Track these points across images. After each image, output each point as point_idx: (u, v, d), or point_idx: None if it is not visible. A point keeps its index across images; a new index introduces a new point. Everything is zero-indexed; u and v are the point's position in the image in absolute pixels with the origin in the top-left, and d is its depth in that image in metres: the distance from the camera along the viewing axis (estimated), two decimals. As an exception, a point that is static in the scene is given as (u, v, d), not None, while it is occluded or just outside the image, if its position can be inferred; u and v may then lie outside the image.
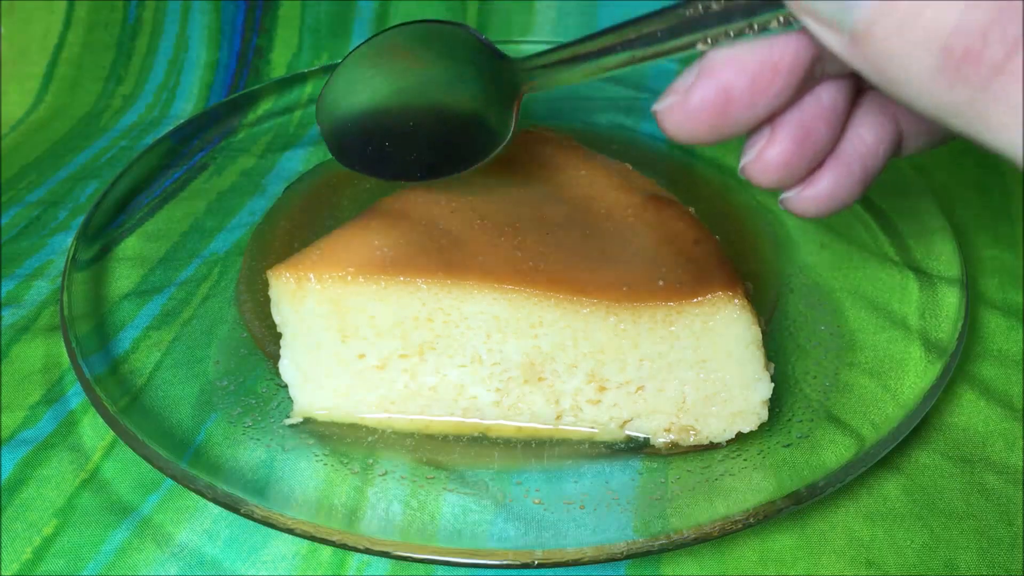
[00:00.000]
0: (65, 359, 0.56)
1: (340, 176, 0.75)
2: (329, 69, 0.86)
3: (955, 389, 0.55)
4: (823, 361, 0.53)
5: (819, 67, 0.30)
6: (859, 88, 0.32)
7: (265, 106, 0.81)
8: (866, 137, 0.32)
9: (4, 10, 0.93)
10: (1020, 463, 0.50)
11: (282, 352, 0.49)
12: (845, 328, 0.55)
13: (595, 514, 0.44)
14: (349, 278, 0.46)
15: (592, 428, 0.49)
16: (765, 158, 0.31)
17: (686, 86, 0.30)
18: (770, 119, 0.31)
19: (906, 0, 0.23)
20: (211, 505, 0.45)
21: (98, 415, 0.46)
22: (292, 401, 0.50)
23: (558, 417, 0.49)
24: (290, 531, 0.40)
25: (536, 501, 0.45)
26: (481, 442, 0.49)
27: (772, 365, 0.47)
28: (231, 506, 0.41)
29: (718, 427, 0.48)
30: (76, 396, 0.54)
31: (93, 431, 0.51)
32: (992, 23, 0.22)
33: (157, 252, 0.63)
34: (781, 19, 0.27)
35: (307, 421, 0.50)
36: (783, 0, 0.27)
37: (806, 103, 0.31)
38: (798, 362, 0.53)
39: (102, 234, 0.61)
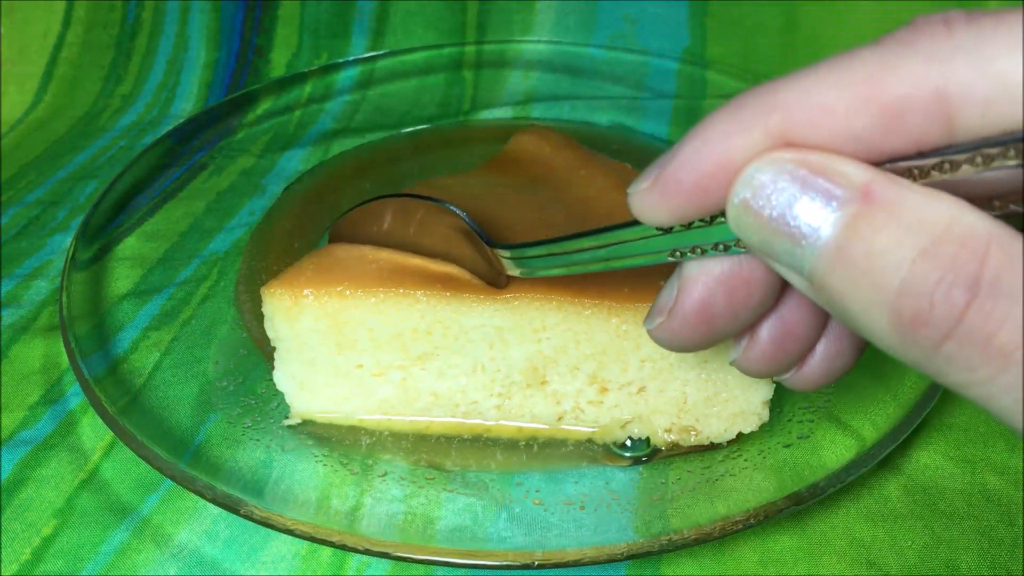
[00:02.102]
0: (64, 359, 0.56)
1: (340, 176, 0.75)
2: (329, 69, 0.87)
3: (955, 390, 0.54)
4: (824, 361, 0.53)
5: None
6: None
7: (264, 106, 0.81)
8: None
9: (4, 10, 0.93)
10: (1021, 464, 0.50)
11: (276, 365, 0.48)
12: (846, 328, 0.55)
13: (595, 515, 0.44)
14: (347, 292, 0.45)
15: (593, 429, 0.49)
16: (749, 357, 0.31)
17: (668, 305, 0.30)
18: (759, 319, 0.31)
19: (859, 251, 0.22)
20: (210, 505, 0.45)
21: (97, 415, 0.46)
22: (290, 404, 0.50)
23: (559, 418, 0.49)
24: (290, 532, 0.40)
25: (536, 502, 0.45)
26: (481, 443, 0.49)
27: (773, 365, 0.47)
28: (230, 507, 0.41)
29: (719, 427, 0.48)
30: (75, 396, 0.54)
31: (92, 431, 0.51)
32: (939, 283, 0.21)
33: (156, 252, 0.63)
34: (743, 243, 0.27)
35: (306, 422, 0.49)
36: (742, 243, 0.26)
37: (787, 301, 0.30)
38: (798, 362, 0.53)
39: (101, 234, 0.61)
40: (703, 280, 0.29)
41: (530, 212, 0.52)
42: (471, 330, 0.46)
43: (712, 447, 0.48)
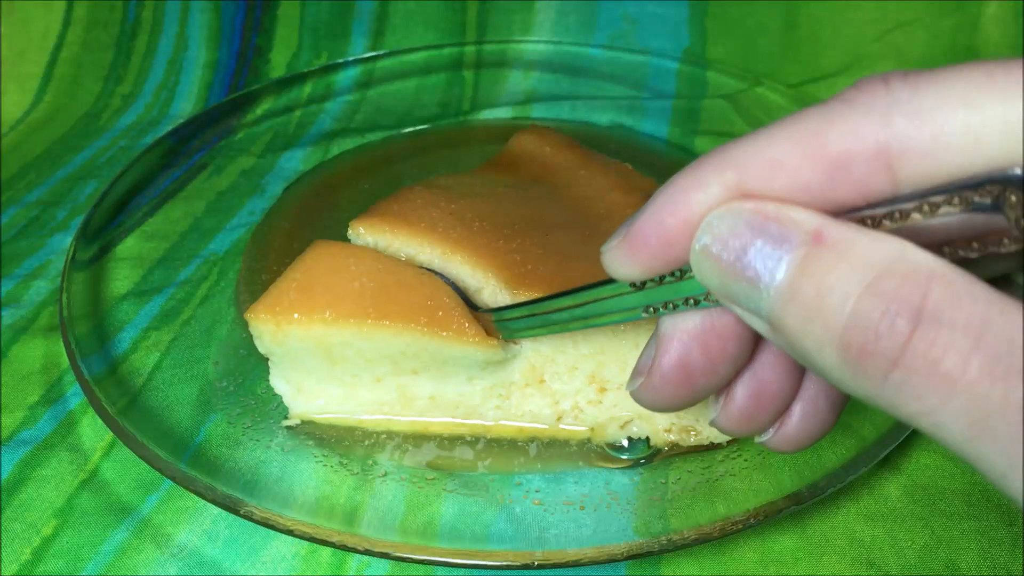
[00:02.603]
0: (64, 359, 0.56)
1: (339, 176, 0.75)
2: (329, 69, 0.87)
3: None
4: (823, 361, 0.53)
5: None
6: None
7: (264, 106, 0.81)
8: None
9: (4, 10, 0.93)
10: (1021, 463, 0.50)
11: (272, 371, 0.48)
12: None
13: (595, 515, 0.44)
14: (329, 318, 0.44)
15: (593, 429, 0.49)
16: (727, 414, 0.32)
17: (647, 365, 0.31)
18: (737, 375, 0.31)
19: (810, 290, 0.23)
20: (211, 506, 0.45)
21: (97, 415, 0.46)
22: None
23: (559, 418, 0.49)
24: (290, 532, 0.40)
25: (536, 502, 0.45)
26: (481, 443, 0.49)
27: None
28: (230, 507, 0.41)
29: (718, 427, 0.48)
30: (75, 396, 0.54)
31: (92, 431, 0.51)
32: (883, 315, 0.22)
33: (156, 252, 0.63)
34: (711, 296, 0.28)
35: (306, 423, 0.49)
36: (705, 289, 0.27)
37: (761, 357, 0.31)
38: (798, 362, 0.53)
39: (101, 234, 0.61)
40: (678, 337, 0.30)
41: (530, 211, 0.52)
42: (457, 358, 0.46)
43: (712, 447, 0.48)
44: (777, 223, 0.24)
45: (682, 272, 0.28)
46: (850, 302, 0.22)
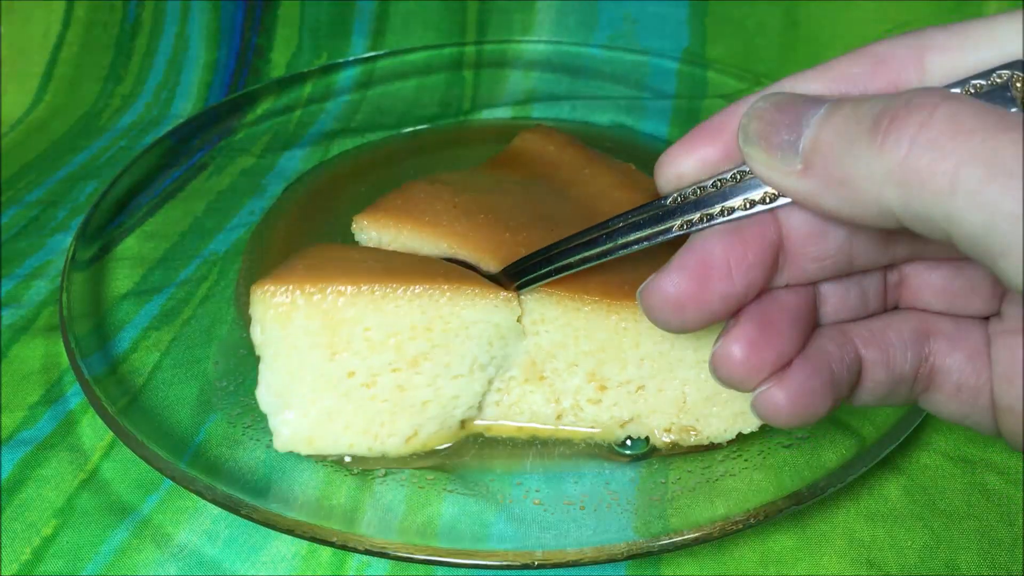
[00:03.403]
0: (64, 359, 0.56)
1: (340, 176, 0.75)
2: (329, 69, 0.87)
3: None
4: (824, 361, 0.53)
5: (782, 258, 0.33)
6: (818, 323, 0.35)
7: (264, 106, 0.81)
8: (829, 348, 0.33)
9: (4, 10, 0.93)
10: (1021, 463, 0.50)
11: (260, 378, 0.45)
12: (846, 328, 0.55)
13: (595, 514, 0.44)
14: (344, 289, 0.43)
15: (592, 428, 0.49)
16: (730, 336, 0.33)
17: (667, 266, 0.33)
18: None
19: (845, 108, 0.28)
20: (211, 505, 0.45)
21: (97, 415, 0.46)
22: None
23: (558, 417, 0.49)
24: (290, 532, 0.40)
25: (536, 502, 0.45)
26: (481, 442, 0.49)
27: (773, 365, 0.47)
28: (230, 507, 0.41)
29: (719, 427, 0.48)
30: (75, 396, 0.54)
31: (92, 431, 0.51)
32: (911, 98, 0.26)
33: (156, 252, 0.63)
34: (746, 202, 0.32)
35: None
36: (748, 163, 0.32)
37: (767, 300, 0.33)
38: (799, 362, 0.53)
39: (101, 234, 0.61)
40: (703, 236, 0.33)
41: (535, 207, 0.52)
42: (471, 325, 0.45)
43: (712, 447, 0.48)
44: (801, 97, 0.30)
45: (720, 183, 0.33)
46: (879, 104, 0.27)
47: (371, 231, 0.51)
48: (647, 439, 0.49)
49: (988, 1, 0.86)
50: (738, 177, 0.33)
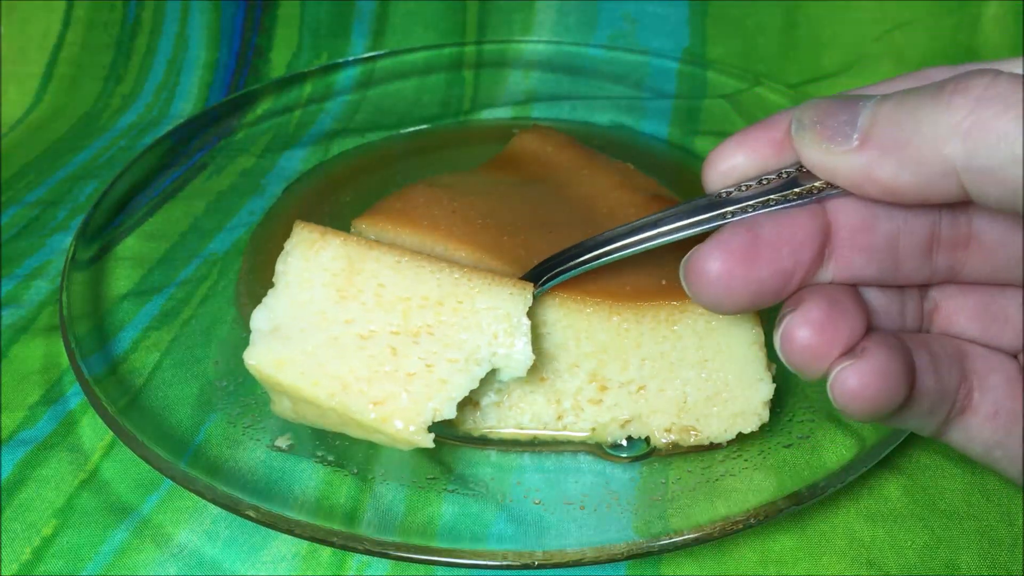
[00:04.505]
0: (64, 359, 0.56)
1: (340, 176, 0.75)
2: (329, 69, 0.87)
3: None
4: (824, 361, 0.53)
5: (828, 251, 0.33)
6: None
7: (264, 106, 0.81)
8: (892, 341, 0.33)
9: (4, 10, 0.93)
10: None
11: (264, 302, 0.45)
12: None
13: (595, 514, 0.44)
14: (379, 238, 0.44)
15: (593, 428, 0.49)
16: (800, 317, 0.32)
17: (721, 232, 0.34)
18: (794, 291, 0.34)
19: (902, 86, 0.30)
20: (211, 505, 0.45)
21: (97, 415, 0.46)
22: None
23: (559, 417, 0.49)
24: (290, 532, 0.40)
25: (536, 502, 0.45)
26: (481, 443, 0.49)
27: (774, 365, 0.47)
28: (231, 507, 0.41)
29: (719, 427, 0.48)
30: (75, 396, 0.54)
31: (92, 431, 0.51)
32: (975, 75, 0.27)
33: (156, 252, 0.63)
34: (794, 194, 0.33)
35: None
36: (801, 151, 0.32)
37: (821, 287, 0.33)
38: (799, 362, 0.53)
39: (101, 234, 0.61)
40: (753, 216, 0.33)
41: (534, 209, 0.52)
42: (482, 312, 0.44)
43: (712, 447, 0.48)
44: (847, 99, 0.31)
45: (767, 181, 0.34)
46: (941, 78, 0.28)
47: (369, 235, 0.51)
48: (647, 439, 0.49)
49: (988, 1, 0.86)
50: (784, 176, 0.33)
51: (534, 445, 0.49)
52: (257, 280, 0.61)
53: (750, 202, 0.34)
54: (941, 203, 0.30)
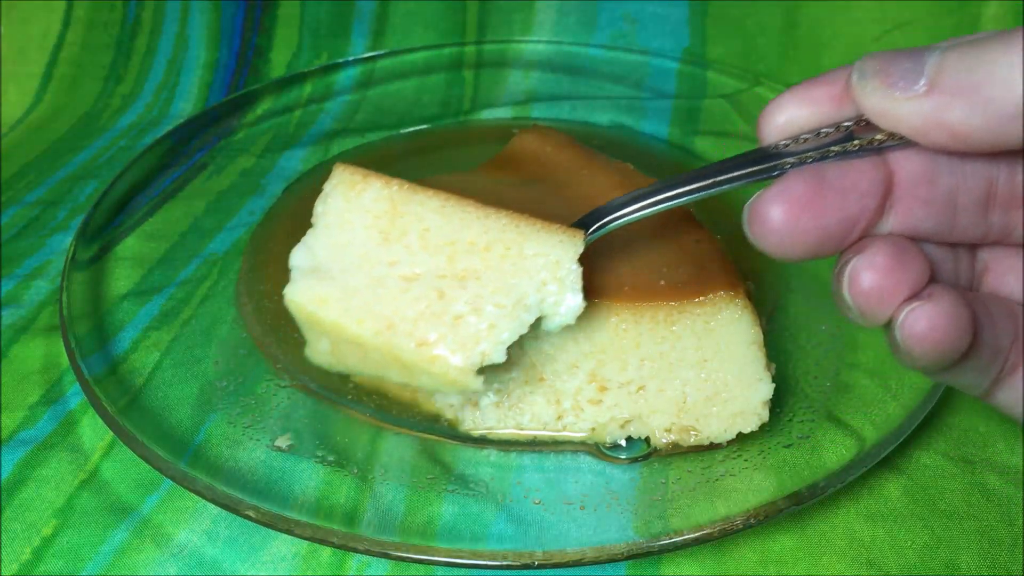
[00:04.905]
0: (64, 359, 0.56)
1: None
2: (329, 69, 0.86)
3: (956, 389, 0.54)
4: (824, 361, 0.53)
5: (888, 203, 0.33)
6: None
7: (264, 106, 0.81)
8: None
9: (4, 10, 0.93)
10: (1021, 463, 0.50)
11: (303, 241, 0.44)
12: (846, 328, 0.55)
13: (595, 514, 0.44)
14: (417, 188, 0.43)
15: (593, 428, 0.49)
16: (860, 262, 0.32)
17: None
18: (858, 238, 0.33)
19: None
20: (211, 505, 0.45)
21: (97, 415, 0.46)
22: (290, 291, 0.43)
23: (559, 418, 0.49)
24: (290, 532, 0.40)
25: (536, 501, 0.45)
26: (481, 442, 0.49)
27: (773, 365, 0.47)
28: (231, 507, 0.41)
29: (719, 427, 0.48)
30: (75, 396, 0.54)
31: (92, 431, 0.51)
32: None
33: (156, 252, 0.63)
34: (857, 145, 0.33)
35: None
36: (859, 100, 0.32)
37: (884, 236, 0.33)
38: (799, 362, 0.53)
39: (101, 234, 0.61)
40: (813, 166, 0.33)
41: (532, 208, 0.52)
42: (530, 258, 0.43)
43: (712, 447, 0.48)
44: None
45: (825, 135, 0.33)
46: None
47: None
48: (647, 439, 0.49)
49: (988, 1, 0.86)
50: (843, 129, 0.33)
51: (534, 445, 0.49)
52: (257, 280, 0.61)
53: (809, 153, 0.33)
54: (1007, 150, 0.30)
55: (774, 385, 0.47)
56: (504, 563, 0.39)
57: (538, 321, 0.43)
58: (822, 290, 0.60)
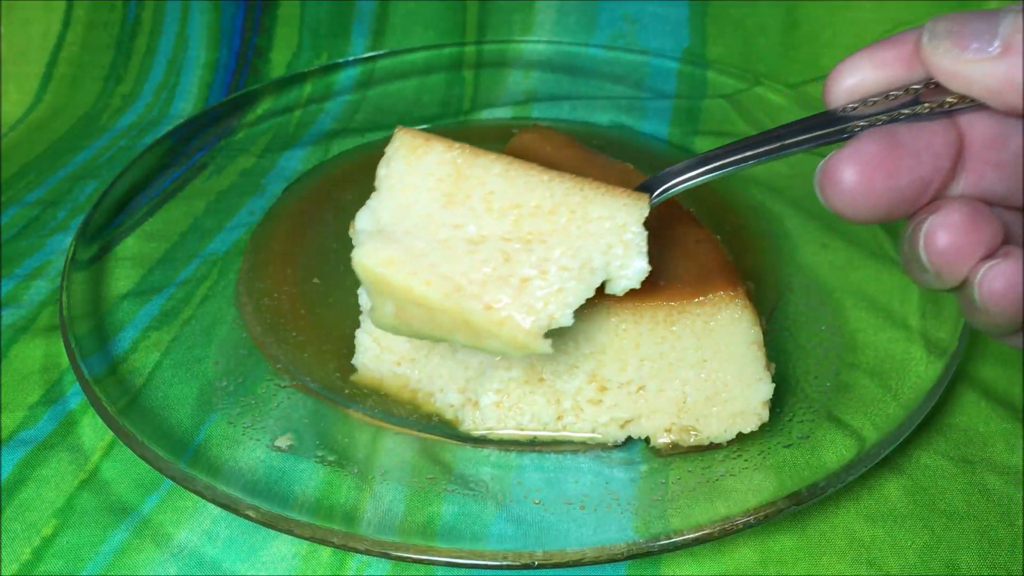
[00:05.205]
0: (64, 359, 0.56)
1: (340, 176, 0.75)
2: (329, 69, 0.87)
3: (956, 389, 0.55)
4: (824, 361, 0.53)
5: (959, 166, 0.33)
6: None
7: (264, 106, 0.81)
8: None
9: (4, 10, 0.93)
10: (1021, 464, 0.50)
11: (366, 204, 0.44)
12: (846, 328, 0.55)
13: (595, 514, 0.44)
14: (479, 152, 0.43)
15: (592, 428, 0.49)
16: (934, 221, 0.32)
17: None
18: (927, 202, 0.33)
19: None
20: (211, 505, 0.45)
21: (97, 415, 0.46)
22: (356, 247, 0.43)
23: (559, 417, 0.49)
24: (290, 532, 0.40)
25: (536, 502, 0.45)
26: (481, 442, 0.49)
27: (773, 365, 0.47)
28: (230, 507, 0.41)
29: (719, 427, 0.48)
30: (75, 396, 0.54)
31: (92, 431, 0.51)
32: None
33: (156, 252, 0.63)
34: (927, 107, 0.32)
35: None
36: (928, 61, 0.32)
37: (964, 183, 0.33)
38: (799, 362, 0.53)
39: (101, 234, 0.61)
40: (884, 128, 0.33)
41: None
42: (595, 221, 0.42)
43: (712, 447, 0.48)
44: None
45: (894, 97, 0.33)
46: None
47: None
48: (647, 439, 0.49)
49: (987, 1, 0.86)
50: (911, 92, 0.32)
51: (534, 445, 0.49)
52: (257, 280, 0.61)
53: (879, 116, 0.33)
54: None
55: (774, 385, 0.47)
56: (504, 563, 0.39)
57: (602, 284, 0.42)
58: (822, 290, 0.60)
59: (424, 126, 0.83)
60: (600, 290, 0.46)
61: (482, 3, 0.95)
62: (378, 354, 0.52)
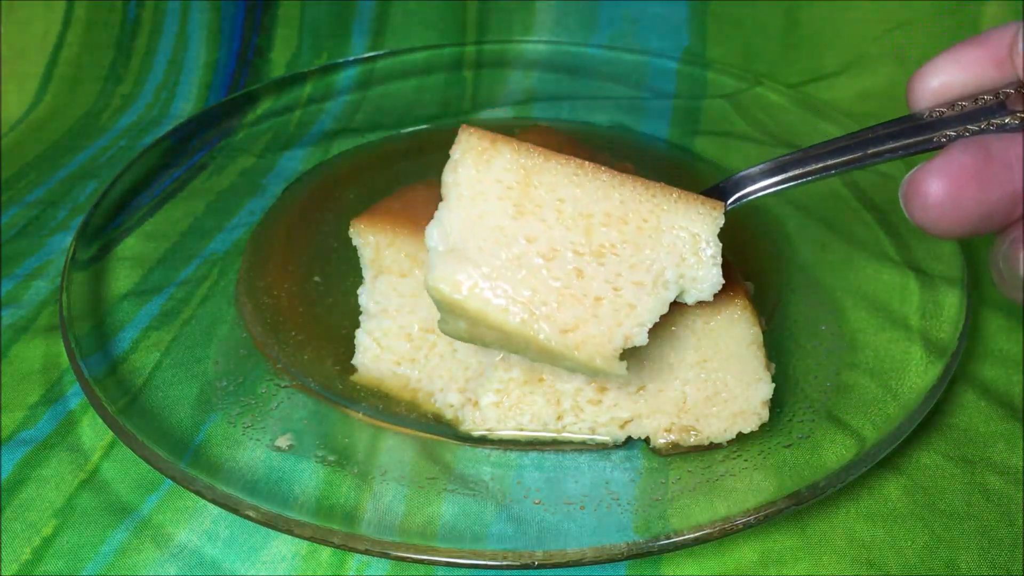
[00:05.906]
0: (64, 359, 0.56)
1: (340, 176, 0.75)
2: (329, 69, 0.87)
3: (956, 389, 0.55)
4: (824, 361, 0.53)
5: None
6: None
7: (264, 106, 0.81)
8: None
9: (4, 10, 0.93)
10: (1021, 464, 0.50)
11: (436, 216, 0.42)
12: (846, 328, 0.55)
13: (595, 514, 0.44)
14: (549, 155, 0.41)
15: (592, 428, 0.49)
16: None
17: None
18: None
19: None
20: (211, 505, 0.45)
21: (97, 415, 0.46)
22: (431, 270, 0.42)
23: (559, 418, 0.49)
24: (290, 532, 0.40)
25: (536, 501, 0.45)
26: (481, 442, 0.49)
27: (773, 365, 0.47)
28: (230, 507, 0.41)
29: (719, 427, 0.48)
30: (75, 396, 0.54)
31: (92, 431, 0.51)
32: None
33: (156, 252, 0.63)
34: (1017, 118, 0.31)
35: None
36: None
37: None
38: (799, 362, 0.53)
39: (101, 234, 0.61)
40: (972, 139, 0.31)
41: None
42: (668, 231, 0.41)
43: (712, 447, 0.48)
44: None
45: (984, 102, 0.31)
46: None
47: (368, 235, 0.51)
48: (647, 439, 0.49)
49: (988, 1, 0.86)
50: (1001, 97, 0.31)
51: (534, 445, 0.49)
52: (257, 280, 0.61)
53: (970, 125, 0.32)
54: None
55: (774, 385, 0.47)
56: (504, 563, 0.39)
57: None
58: (822, 290, 0.60)
59: (424, 126, 0.83)
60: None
61: (482, 3, 0.95)
62: (378, 354, 0.52)
